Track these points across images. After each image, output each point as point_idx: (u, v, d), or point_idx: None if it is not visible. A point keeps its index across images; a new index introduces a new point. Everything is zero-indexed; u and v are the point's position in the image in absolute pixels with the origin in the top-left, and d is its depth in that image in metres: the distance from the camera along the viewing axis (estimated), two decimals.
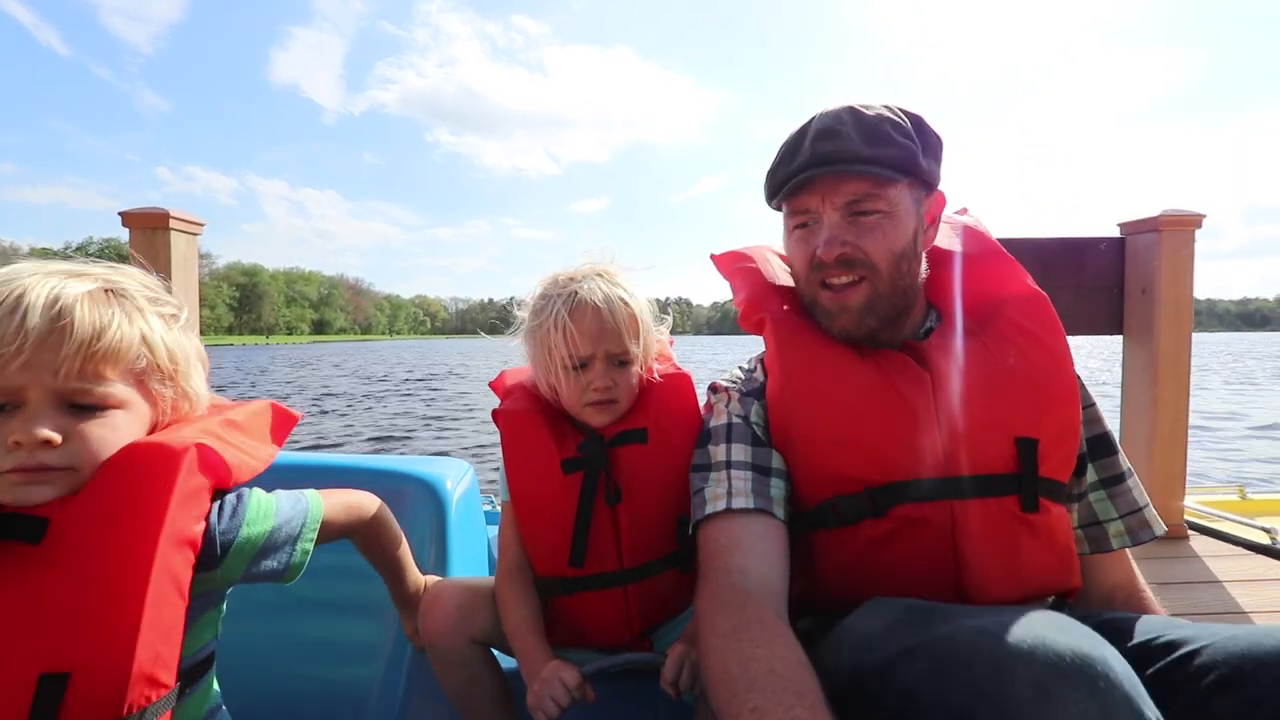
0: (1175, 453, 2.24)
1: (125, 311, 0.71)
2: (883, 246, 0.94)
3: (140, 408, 0.73)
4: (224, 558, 0.75)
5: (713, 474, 0.97)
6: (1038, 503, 0.90)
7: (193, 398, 0.79)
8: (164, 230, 1.88)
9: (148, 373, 0.73)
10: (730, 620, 0.77)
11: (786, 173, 0.97)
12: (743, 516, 0.91)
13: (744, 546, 0.89)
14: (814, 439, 0.95)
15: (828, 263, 0.95)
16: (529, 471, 1.07)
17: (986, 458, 0.90)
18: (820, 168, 0.93)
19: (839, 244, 0.94)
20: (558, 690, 0.89)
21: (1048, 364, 0.95)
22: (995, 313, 1.00)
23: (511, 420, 1.11)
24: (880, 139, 0.92)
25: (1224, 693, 0.67)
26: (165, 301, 0.78)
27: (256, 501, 0.80)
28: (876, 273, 0.94)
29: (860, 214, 0.94)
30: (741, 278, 1.14)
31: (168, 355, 0.74)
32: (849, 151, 0.91)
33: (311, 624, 1.28)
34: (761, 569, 0.87)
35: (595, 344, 1.03)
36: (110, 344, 0.68)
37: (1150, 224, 2.21)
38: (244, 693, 0.97)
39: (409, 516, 1.25)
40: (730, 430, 1.00)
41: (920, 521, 0.89)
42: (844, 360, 0.97)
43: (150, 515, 0.67)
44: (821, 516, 0.95)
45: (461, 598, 1.06)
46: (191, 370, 0.79)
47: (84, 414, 0.68)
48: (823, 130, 0.94)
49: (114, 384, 0.69)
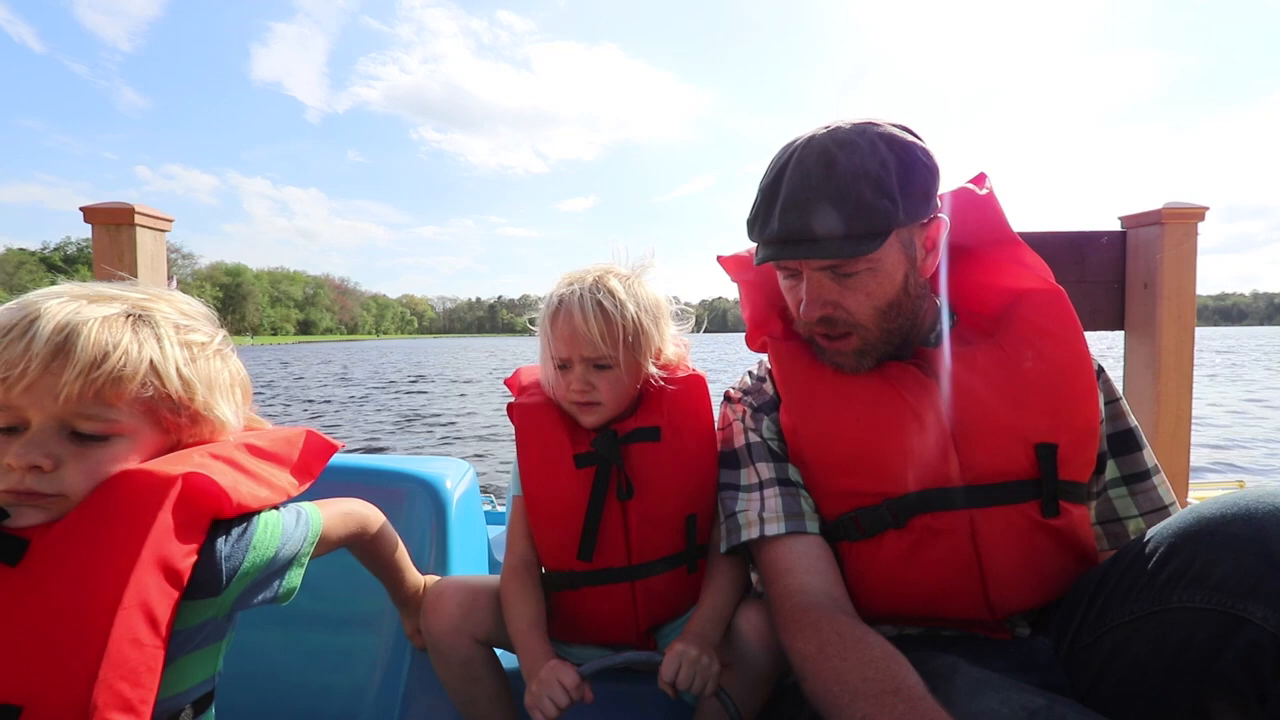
0: (1178, 451, 2.19)
1: (139, 338, 0.69)
2: (866, 305, 0.91)
3: (148, 435, 0.72)
4: (228, 584, 0.73)
5: (743, 495, 0.98)
6: (1058, 507, 0.89)
7: (216, 424, 0.78)
8: (129, 226, 1.77)
9: (157, 401, 0.71)
10: (812, 642, 0.79)
11: (759, 239, 0.94)
12: (781, 542, 0.93)
13: (796, 567, 0.90)
14: (827, 457, 0.95)
15: (811, 321, 0.94)
16: (541, 465, 1.08)
17: (1005, 465, 0.89)
18: (787, 247, 0.88)
19: (819, 305, 0.92)
20: (556, 691, 0.90)
21: (1067, 365, 0.92)
22: (1012, 311, 0.97)
23: (527, 414, 1.12)
24: (849, 207, 0.84)
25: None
26: (195, 329, 0.77)
27: (264, 525, 0.78)
28: (863, 328, 0.93)
29: (844, 275, 0.90)
30: (746, 291, 1.13)
31: (180, 384, 0.72)
32: (814, 231, 0.85)
33: (308, 631, 1.26)
34: (820, 584, 0.88)
35: (570, 348, 1.06)
36: (112, 371, 0.66)
37: (1152, 217, 2.17)
38: (241, 701, 0.93)
39: (409, 516, 1.26)
40: (751, 450, 1.01)
41: (941, 531, 0.88)
42: (847, 379, 0.96)
43: (128, 545, 0.65)
44: (843, 530, 0.95)
45: (464, 596, 1.06)
46: (216, 397, 0.77)
47: (85, 441, 0.67)
48: (791, 197, 0.87)
49: (119, 411, 0.69)
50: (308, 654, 1.25)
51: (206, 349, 0.77)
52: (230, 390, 0.80)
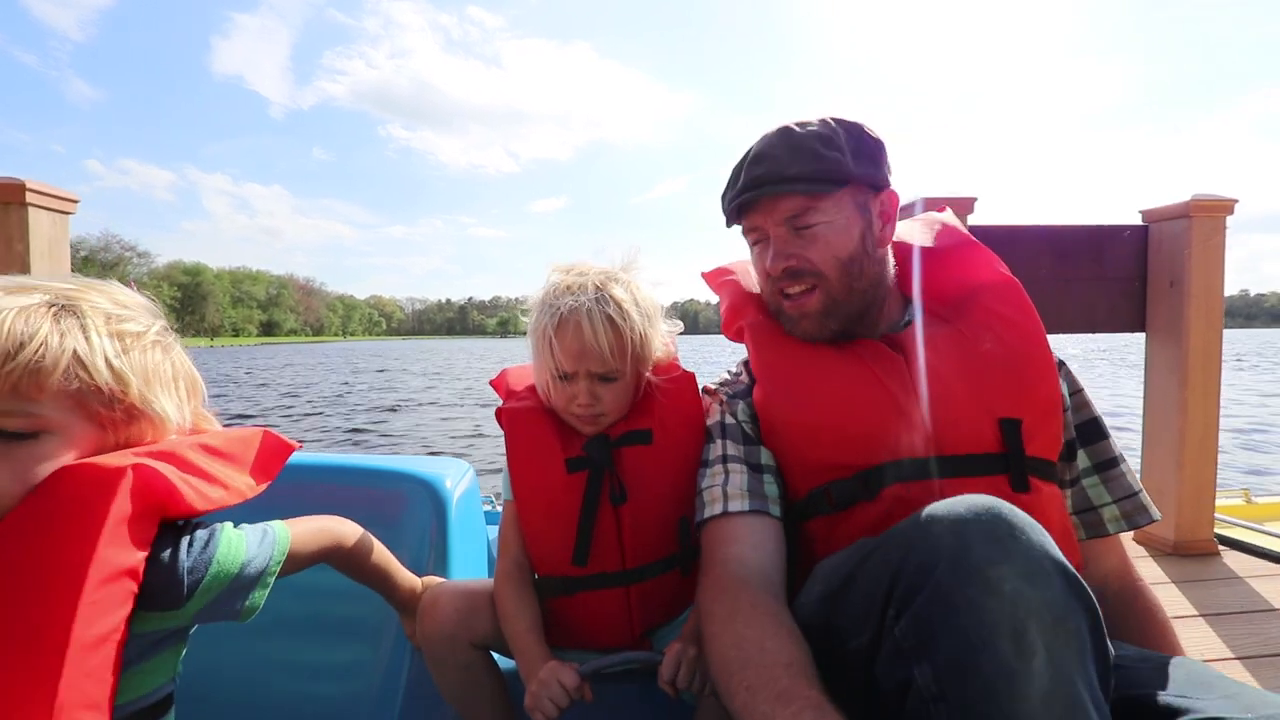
0: (1206, 460, 2.05)
1: (62, 329, 0.67)
2: (827, 254, 0.98)
3: (80, 432, 0.69)
4: (189, 598, 0.71)
5: (708, 470, 1.01)
6: (1028, 482, 0.91)
7: (156, 420, 0.75)
8: (19, 205, 1.48)
9: (86, 394, 0.68)
10: (726, 607, 0.81)
11: (730, 196, 1.04)
12: (740, 517, 0.94)
13: (740, 540, 0.92)
14: (801, 431, 0.98)
15: (777, 275, 1.01)
16: (532, 469, 1.07)
17: (971, 438, 0.92)
18: (753, 190, 0.99)
19: (784, 257, 1.00)
20: (555, 691, 0.89)
21: (1024, 347, 0.98)
22: (970, 300, 1.03)
23: (516, 418, 1.11)
24: (805, 156, 0.97)
25: None
26: (129, 319, 0.74)
27: (228, 538, 0.76)
28: (825, 279, 0.99)
29: (803, 227, 0.99)
30: (724, 290, 1.21)
31: (111, 375, 0.69)
32: (775, 173, 0.97)
33: (305, 637, 1.25)
34: (758, 558, 0.90)
35: (578, 362, 1.03)
36: (29, 363, 0.63)
37: (1178, 210, 2.03)
38: (238, 708, 0.96)
39: (409, 516, 1.26)
40: (724, 429, 1.04)
41: (911, 501, 0.89)
42: (821, 355, 1.01)
43: (74, 544, 0.63)
44: (815, 504, 0.97)
45: (459, 602, 1.05)
46: (155, 391, 0.74)
47: (8, 439, 0.64)
48: (756, 155, 1.01)
49: (41, 405, 0.66)
50: (305, 661, 1.24)
51: (142, 339, 0.74)
52: (172, 383, 0.77)
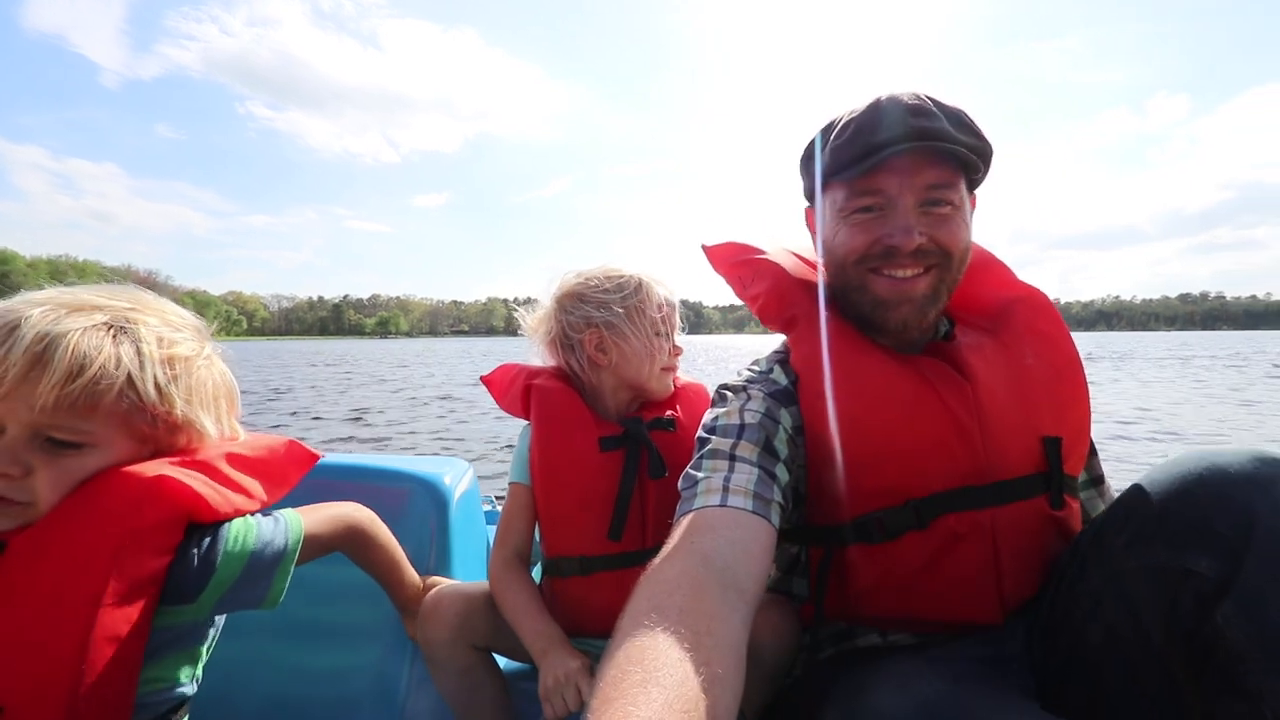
0: None
1: (120, 354, 0.71)
2: (956, 239, 0.92)
3: (122, 445, 0.73)
4: (200, 592, 0.74)
5: (707, 462, 0.88)
6: (1064, 500, 0.92)
7: (195, 434, 0.79)
8: None
9: (133, 412, 0.73)
10: (670, 575, 0.70)
11: (867, 145, 0.90)
12: (735, 512, 0.81)
13: (723, 531, 0.77)
14: (861, 449, 0.92)
15: (903, 251, 0.90)
16: (566, 447, 1.10)
17: (1020, 460, 0.91)
18: (920, 142, 0.88)
19: (918, 234, 0.90)
20: (572, 695, 0.91)
21: (1061, 362, 0.97)
22: (1006, 313, 1.01)
23: (548, 397, 1.15)
24: (966, 128, 0.91)
25: None
26: (180, 342, 0.78)
27: (235, 531, 0.78)
28: (947, 265, 0.93)
29: (933, 204, 0.91)
30: (754, 271, 1.10)
31: (158, 397, 0.74)
32: (945, 132, 0.88)
33: (306, 638, 1.25)
34: (731, 557, 0.74)
35: (668, 323, 1.20)
36: (89, 384, 0.68)
37: None
38: (239, 709, 1.07)
39: (409, 516, 1.26)
40: (743, 430, 0.92)
41: (963, 531, 0.88)
42: (890, 369, 0.94)
43: (103, 547, 0.67)
44: (863, 531, 0.92)
45: (460, 605, 1.06)
46: (196, 410, 0.78)
47: (59, 449, 0.69)
48: (916, 107, 0.89)
49: (94, 422, 0.70)
50: (306, 662, 1.24)
51: (191, 363, 0.78)
52: (213, 401, 0.82)
